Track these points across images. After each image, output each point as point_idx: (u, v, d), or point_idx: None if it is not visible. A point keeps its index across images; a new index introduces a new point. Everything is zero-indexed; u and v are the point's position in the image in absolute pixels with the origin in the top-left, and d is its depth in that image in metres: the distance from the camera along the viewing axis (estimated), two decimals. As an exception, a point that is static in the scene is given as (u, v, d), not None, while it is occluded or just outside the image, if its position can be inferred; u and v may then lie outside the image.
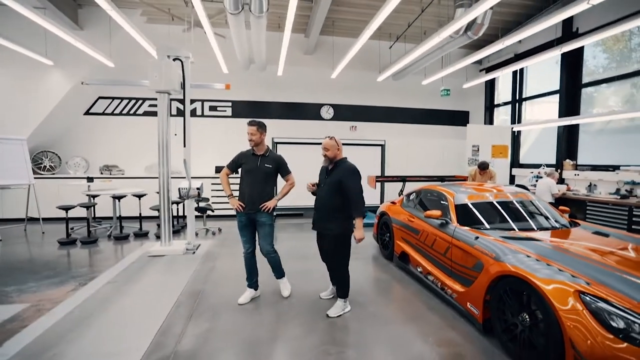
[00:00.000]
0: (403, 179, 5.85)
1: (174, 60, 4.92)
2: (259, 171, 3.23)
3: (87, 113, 8.27)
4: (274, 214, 3.36)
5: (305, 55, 8.62)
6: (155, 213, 6.86)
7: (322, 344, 2.56)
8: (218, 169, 8.31)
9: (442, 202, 3.80)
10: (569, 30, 6.84)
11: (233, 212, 3.56)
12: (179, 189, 4.83)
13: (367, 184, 7.18)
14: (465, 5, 5.24)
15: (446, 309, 3.16)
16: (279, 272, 3.49)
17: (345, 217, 2.97)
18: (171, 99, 8.59)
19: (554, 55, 6.18)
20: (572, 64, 6.91)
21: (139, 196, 6.32)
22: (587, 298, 1.98)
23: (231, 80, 7.40)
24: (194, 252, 4.92)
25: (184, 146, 5.14)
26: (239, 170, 3.38)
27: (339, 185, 2.93)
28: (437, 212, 3.52)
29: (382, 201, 7.99)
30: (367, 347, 2.53)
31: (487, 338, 2.64)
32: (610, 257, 2.54)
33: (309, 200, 3.45)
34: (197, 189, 4.82)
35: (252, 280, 3.38)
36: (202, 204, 6.40)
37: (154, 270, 4.20)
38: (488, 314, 2.67)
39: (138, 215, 6.37)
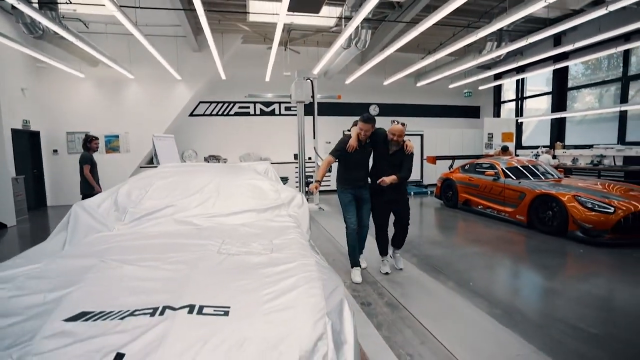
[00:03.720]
0: (453, 158, 8.51)
1: (306, 79, 7.34)
2: (364, 158, 3.50)
3: (191, 114, 10.57)
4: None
5: (359, 65, 11.07)
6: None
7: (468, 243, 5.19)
8: (295, 156, 10.76)
9: (491, 167, 6.45)
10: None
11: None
12: (317, 164, 7.32)
13: (426, 162, 9.85)
14: (493, 40, 7.81)
15: (501, 224, 5.82)
16: (362, 246, 3.73)
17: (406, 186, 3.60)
18: (255, 103, 11.01)
19: (546, 70, 8.88)
20: (560, 73, 9.61)
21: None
22: (577, 198, 4.67)
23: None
24: (323, 210, 7.46)
25: (314, 137, 7.60)
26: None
27: (401, 164, 3.42)
28: (492, 172, 6.19)
29: (421, 177, 10.65)
30: (479, 234, 5.18)
31: (529, 229, 5.32)
32: (587, 186, 5.24)
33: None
34: (328, 166, 7.31)
35: (357, 258, 3.50)
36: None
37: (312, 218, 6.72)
38: (528, 218, 5.34)
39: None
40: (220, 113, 10.80)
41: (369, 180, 3.60)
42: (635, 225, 4.36)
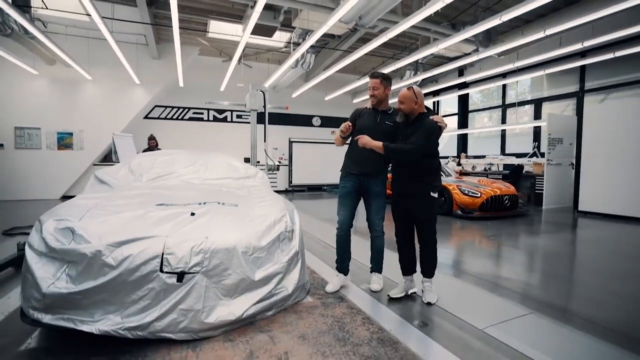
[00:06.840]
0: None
1: (259, 91, 8.57)
2: (377, 128, 2.72)
3: (146, 117, 11.10)
4: None
5: (305, 82, 12.61)
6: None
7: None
8: (246, 159, 11.80)
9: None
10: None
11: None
12: (266, 163, 8.51)
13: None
14: (411, 69, 9.87)
15: (412, 210, 7.57)
16: (377, 263, 2.88)
17: (432, 178, 2.69)
18: (208, 109, 11.90)
19: (454, 95, 11.29)
20: (464, 99, 12.14)
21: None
22: (459, 187, 6.55)
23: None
24: (272, 202, 8.65)
25: (264, 141, 8.79)
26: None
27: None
28: (406, 171, 8.01)
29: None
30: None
31: (430, 212, 7.11)
32: (468, 180, 7.20)
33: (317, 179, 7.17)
34: (277, 165, 8.55)
35: (344, 264, 2.83)
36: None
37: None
38: (430, 204, 7.14)
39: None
40: (175, 117, 11.49)
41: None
42: (492, 206, 6.34)
